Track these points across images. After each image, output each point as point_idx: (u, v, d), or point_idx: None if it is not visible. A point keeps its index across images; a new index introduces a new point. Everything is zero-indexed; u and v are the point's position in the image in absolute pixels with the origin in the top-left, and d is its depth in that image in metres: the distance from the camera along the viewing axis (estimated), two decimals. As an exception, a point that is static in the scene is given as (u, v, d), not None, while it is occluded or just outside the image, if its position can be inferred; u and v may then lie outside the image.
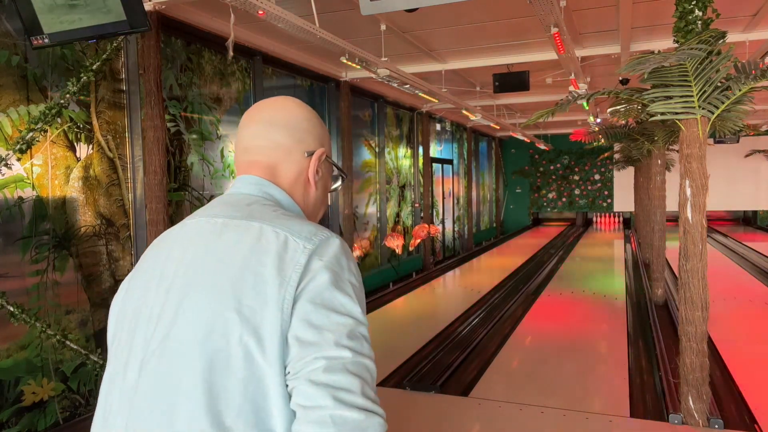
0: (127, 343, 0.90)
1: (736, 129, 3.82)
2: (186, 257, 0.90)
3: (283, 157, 1.02)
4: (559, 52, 5.05)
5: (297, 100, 1.09)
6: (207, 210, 0.99)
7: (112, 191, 4.32)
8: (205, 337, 0.81)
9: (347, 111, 7.53)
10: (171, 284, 0.88)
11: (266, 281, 0.82)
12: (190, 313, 0.84)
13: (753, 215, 17.00)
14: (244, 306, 0.81)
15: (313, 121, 1.07)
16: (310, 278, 0.82)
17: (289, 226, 0.88)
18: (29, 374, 3.66)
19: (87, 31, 3.12)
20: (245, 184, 1.01)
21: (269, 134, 1.03)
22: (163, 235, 1.01)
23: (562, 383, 4.27)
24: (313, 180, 1.04)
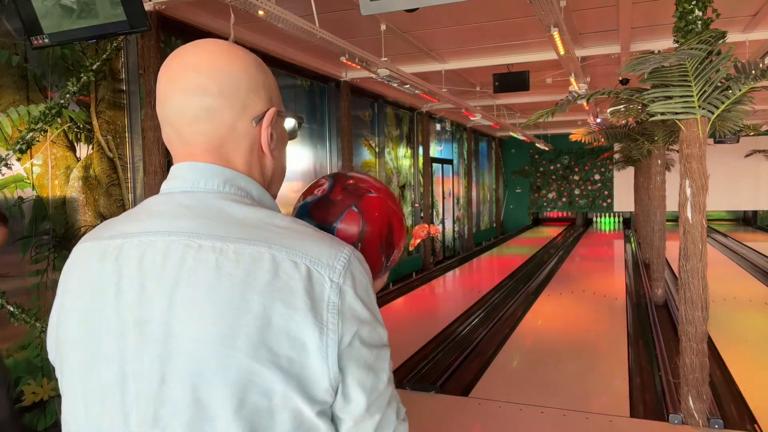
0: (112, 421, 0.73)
1: (736, 129, 3.83)
2: (177, 303, 0.71)
3: (228, 134, 0.79)
4: (559, 52, 5.05)
5: (227, 46, 0.82)
6: (162, 221, 0.76)
7: (112, 191, 4.32)
8: (240, 404, 0.68)
9: (347, 111, 7.53)
10: (166, 342, 0.70)
11: (301, 328, 0.69)
12: (214, 377, 0.68)
13: (753, 215, 17.01)
14: (282, 357, 0.68)
15: (253, 73, 0.81)
16: (350, 317, 0.73)
17: (305, 251, 0.73)
18: (29, 374, 3.66)
19: (87, 31, 3.12)
20: (203, 176, 0.79)
21: (202, 106, 0.78)
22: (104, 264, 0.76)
23: (562, 383, 4.27)
24: (269, 149, 0.83)
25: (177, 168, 0.82)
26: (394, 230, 1.02)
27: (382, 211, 1.00)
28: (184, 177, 0.80)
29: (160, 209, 0.78)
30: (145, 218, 0.78)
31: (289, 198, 7.11)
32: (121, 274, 0.75)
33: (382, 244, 1.00)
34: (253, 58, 0.83)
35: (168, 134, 0.82)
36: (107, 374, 0.73)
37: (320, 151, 7.45)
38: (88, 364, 0.75)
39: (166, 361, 0.70)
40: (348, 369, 0.72)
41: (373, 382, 0.75)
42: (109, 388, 0.73)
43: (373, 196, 1.00)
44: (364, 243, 0.98)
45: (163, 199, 0.80)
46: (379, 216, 0.99)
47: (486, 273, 10.55)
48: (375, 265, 1.00)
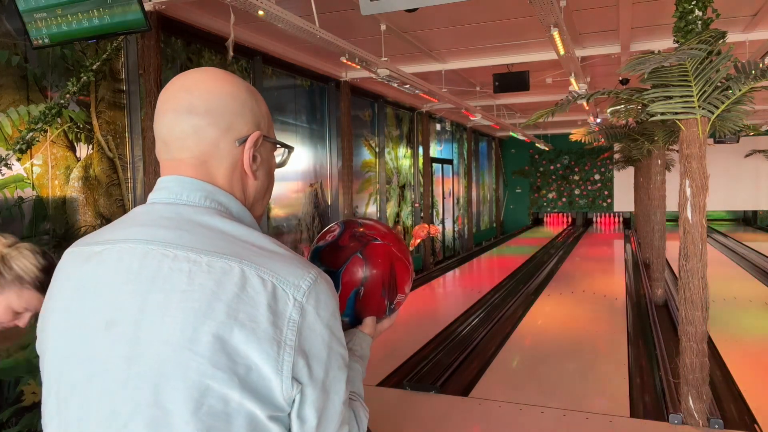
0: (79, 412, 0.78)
1: (736, 129, 3.82)
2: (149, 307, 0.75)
3: (211, 151, 0.84)
4: (559, 52, 5.05)
5: (220, 73, 0.88)
6: (143, 229, 0.81)
7: (112, 191, 4.32)
8: (197, 406, 0.71)
9: (347, 111, 7.53)
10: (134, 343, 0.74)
11: (261, 340, 0.73)
12: (175, 378, 0.72)
13: (753, 215, 17.00)
14: (240, 366, 0.72)
15: (242, 98, 0.87)
16: (307, 335, 0.76)
17: (274, 269, 0.76)
18: (29, 374, 3.65)
19: (87, 31, 3.12)
20: (185, 189, 0.83)
21: (190, 124, 0.83)
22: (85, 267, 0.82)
23: (562, 383, 4.27)
24: (250, 171, 0.88)
25: (163, 180, 0.87)
26: (397, 275, 1.08)
27: (385, 257, 1.07)
28: (168, 188, 0.85)
29: (142, 219, 0.84)
30: (128, 227, 0.83)
31: (290, 198, 7.11)
32: (99, 278, 0.80)
33: (385, 288, 1.07)
34: (244, 85, 0.89)
35: (159, 148, 0.88)
36: (77, 371, 0.78)
37: (320, 151, 7.45)
38: (62, 360, 0.81)
39: (132, 362, 0.74)
40: (303, 388, 0.76)
41: (325, 403, 0.79)
42: (78, 385, 0.78)
43: (378, 243, 1.08)
44: (367, 287, 1.05)
45: (146, 209, 0.85)
46: (382, 262, 1.06)
47: (486, 273, 10.55)
48: (379, 307, 1.08)
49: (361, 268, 1.05)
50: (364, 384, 1.05)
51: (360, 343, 1.06)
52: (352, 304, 1.06)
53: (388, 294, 1.08)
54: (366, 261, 1.05)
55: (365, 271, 1.05)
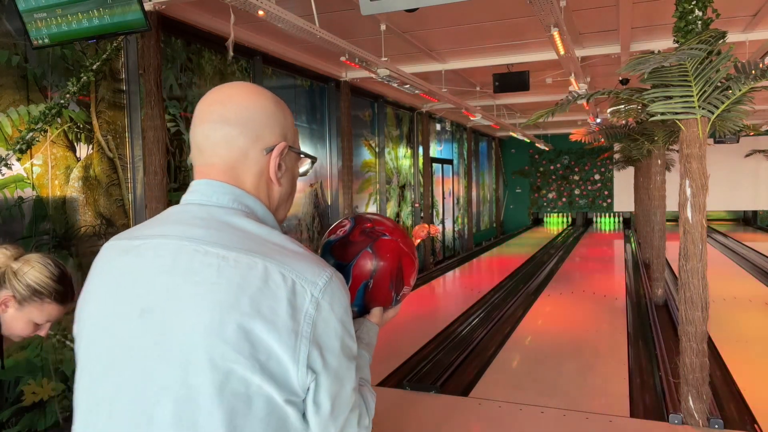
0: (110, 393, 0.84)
1: (736, 129, 3.82)
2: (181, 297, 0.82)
3: (241, 158, 0.92)
4: (558, 52, 5.05)
5: (252, 88, 0.98)
6: (177, 227, 0.88)
7: (112, 191, 4.32)
8: (221, 387, 0.78)
9: (347, 111, 7.53)
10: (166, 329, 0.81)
11: (280, 331, 0.80)
12: (202, 362, 0.78)
13: (753, 215, 17.00)
14: (261, 353, 0.79)
15: (271, 111, 0.96)
16: (322, 328, 0.83)
17: (294, 267, 0.84)
18: (29, 374, 3.66)
19: (87, 31, 3.12)
20: (215, 192, 0.91)
21: (222, 133, 0.91)
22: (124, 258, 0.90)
23: (562, 383, 4.27)
24: (275, 178, 0.95)
25: (195, 183, 0.95)
26: (404, 269, 1.15)
27: (393, 252, 1.14)
28: (200, 191, 0.93)
29: (176, 218, 0.92)
30: (163, 224, 0.92)
31: (289, 198, 7.09)
32: (136, 269, 0.88)
33: (393, 281, 1.14)
34: (273, 99, 0.99)
35: (194, 154, 0.96)
36: (111, 353, 0.86)
37: (320, 151, 7.45)
38: (98, 343, 0.89)
39: (163, 346, 0.81)
40: (317, 377, 0.83)
41: (338, 390, 0.86)
42: (111, 365, 0.85)
43: (387, 238, 1.14)
44: (376, 279, 1.12)
45: (180, 209, 0.94)
46: (390, 256, 1.13)
47: (486, 273, 10.55)
48: (386, 298, 1.15)
49: (371, 262, 1.11)
50: None
51: (368, 332, 1.13)
52: (362, 296, 1.12)
53: (395, 286, 1.15)
54: (375, 255, 1.11)
55: (374, 265, 1.11)
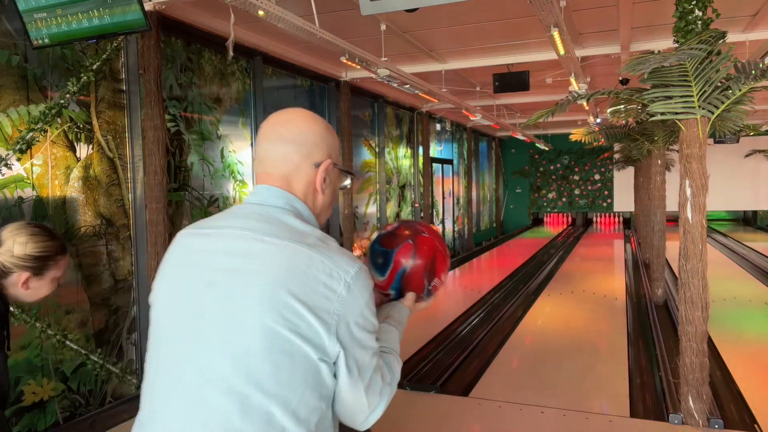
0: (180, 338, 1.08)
1: (736, 129, 3.83)
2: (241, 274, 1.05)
3: (294, 170, 1.16)
4: (558, 52, 5.04)
5: (307, 114, 1.21)
6: (240, 220, 1.12)
7: (112, 191, 4.32)
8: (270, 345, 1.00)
9: (347, 111, 7.53)
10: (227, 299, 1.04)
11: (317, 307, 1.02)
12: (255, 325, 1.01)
13: (753, 215, 17.00)
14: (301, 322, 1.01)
15: (321, 134, 1.18)
16: (350, 307, 1.05)
17: (332, 257, 1.06)
18: (29, 374, 3.66)
19: (87, 31, 3.12)
20: (271, 195, 1.15)
21: (281, 150, 1.16)
22: (196, 242, 1.14)
23: (562, 383, 4.27)
24: (320, 188, 1.19)
25: (258, 187, 1.18)
26: (437, 263, 1.36)
27: (430, 247, 1.36)
28: (260, 194, 1.16)
29: (240, 213, 1.15)
30: (229, 218, 1.15)
31: (289, 198, 7.03)
32: (205, 251, 1.11)
33: (426, 271, 1.35)
34: (323, 123, 1.21)
35: (257, 165, 1.21)
36: (180, 316, 1.08)
37: (320, 151, 7.44)
38: (169, 308, 1.11)
39: (224, 311, 1.03)
40: (346, 345, 1.04)
41: (363, 355, 1.07)
42: (180, 325, 1.08)
43: (426, 236, 1.37)
44: (413, 268, 1.34)
45: (243, 207, 1.17)
46: (427, 250, 1.35)
47: (486, 273, 10.55)
48: (419, 285, 1.36)
49: (410, 251, 1.33)
50: None
51: (399, 312, 1.33)
52: (399, 279, 1.33)
53: (428, 276, 1.35)
54: (414, 247, 1.33)
55: (413, 254, 1.33)
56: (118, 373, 4.00)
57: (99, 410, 4.07)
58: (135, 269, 4.46)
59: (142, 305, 4.46)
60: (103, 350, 4.06)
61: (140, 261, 4.44)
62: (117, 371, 4.00)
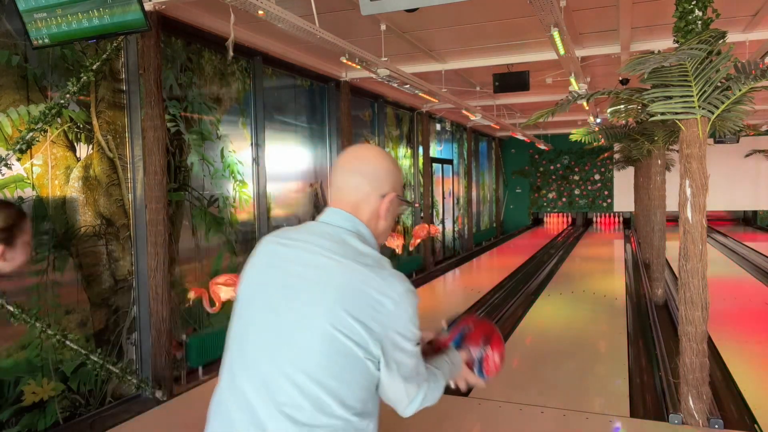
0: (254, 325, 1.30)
1: (736, 129, 3.83)
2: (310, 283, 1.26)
3: (363, 199, 1.36)
4: (559, 52, 5.05)
5: (380, 151, 1.44)
6: (313, 237, 1.33)
7: (112, 191, 4.32)
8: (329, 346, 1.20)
9: (347, 111, 7.53)
10: (298, 301, 1.25)
11: (368, 318, 1.21)
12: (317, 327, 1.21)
13: (753, 215, 17.00)
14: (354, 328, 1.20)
15: (389, 169, 1.39)
16: (395, 320, 1.23)
17: (385, 277, 1.25)
18: (29, 374, 3.66)
19: (87, 31, 3.12)
20: (341, 218, 1.35)
21: (355, 181, 1.36)
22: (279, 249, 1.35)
23: (562, 383, 4.27)
24: (383, 216, 1.38)
25: (330, 210, 1.38)
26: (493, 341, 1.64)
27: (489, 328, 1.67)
28: (331, 216, 1.37)
29: (313, 230, 1.35)
30: (304, 234, 1.35)
31: (290, 198, 7.07)
32: (285, 259, 1.32)
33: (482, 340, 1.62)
34: (391, 159, 1.42)
35: (333, 190, 1.39)
36: (259, 311, 1.30)
37: (320, 151, 7.45)
38: (250, 302, 1.33)
39: (293, 311, 1.24)
40: (388, 349, 1.23)
41: (402, 357, 1.25)
42: (257, 318, 1.30)
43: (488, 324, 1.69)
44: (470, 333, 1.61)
45: (317, 225, 1.37)
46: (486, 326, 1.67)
47: (486, 273, 10.55)
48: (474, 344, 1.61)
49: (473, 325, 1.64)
50: None
51: (454, 359, 1.54)
52: (460, 338, 1.60)
53: (484, 341, 1.61)
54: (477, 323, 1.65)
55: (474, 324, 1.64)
56: (118, 373, 4.00)
57: (99, 410, 4.07)
58: (135, 269, 4.46)
59: (142, 305, 4.46)
60: (103, 350, 4.06)
61: (140, 261, 4.44)
62: (117, 371, 4.00)
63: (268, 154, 6.16)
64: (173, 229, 4.84)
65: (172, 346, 4.48)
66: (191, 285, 5.01)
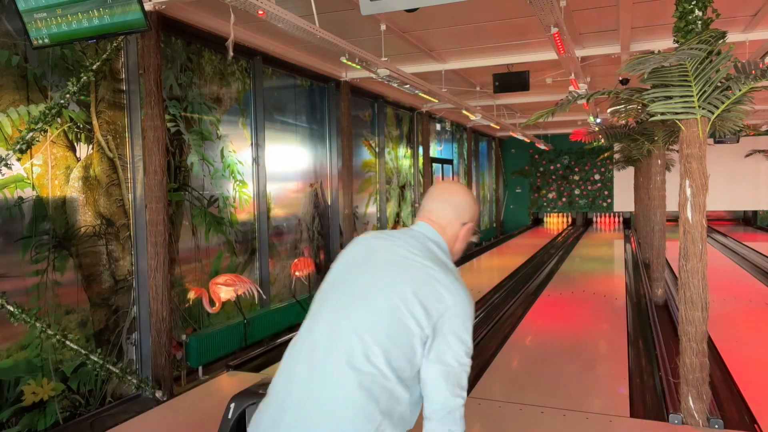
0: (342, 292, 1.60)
1: (736, 129, 3.82)
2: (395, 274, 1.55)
3: (447, 223, 1.70)
4: (559, 52, 5.05)
5: (465, 189, 1.81)
6: (405, 238, 1.65)
7: (112, 191, 4.32)
8: (396, 323, 1.48)
9: (347, 111, 7.53)
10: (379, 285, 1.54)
11: (430, 309, 1.48)
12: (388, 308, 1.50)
13: (753, 215, 17.00)
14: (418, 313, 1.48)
15: (471, 204, 1.75)
16: (449, 317, 1.49)
17: (451, 281, 1.54)
18: (29, 374, 3.66)
19: (87, 31, 3.12)
20: (428, 231, 1.69)
21: (445, 209, 1.71)
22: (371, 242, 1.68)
23: (562, 383, 4.26)
24: (461, 240, 1.73)
25: (420, 222, 1.72)
26: None
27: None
28: (423, 228, 1.70)
29: (407, 233, 1.68)
30: (400, 235, 1.67)
31: (290, 198, 7.07)
32: (375, 250, 1.64)
33: None
34: (472, 197, 1.77)
35: (425, 212, 1.73)
36: (342, 288, 1.60)
37: (320, 151, 7.45)
38: (337, 280, 1.65)
39: (372, 287, 1.55)
40: (436, 335, 1.48)
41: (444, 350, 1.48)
42: (346, 284, 1.60)
43: None
44: None
45: (410, 231, 1.70)
46: None
47: (486, 273, 10.54)
48: None
49: None
50: None
51: None
52: None
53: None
54: None
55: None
56: (118, 373, 4.00)
57: (99, 410, 4.08)
58: (135, 269, 4.46)
59: (142, 305, 4.46)
60: (103, 350, 4.06)
61: (140, 261, 4.44)
62: (117, 371, 4.00)
63: (268, 154, 6.16)
64: (173, 229, 4.85)
65: (172, 346, 4.48)
66: (191, 285, 5.02)
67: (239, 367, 4.70)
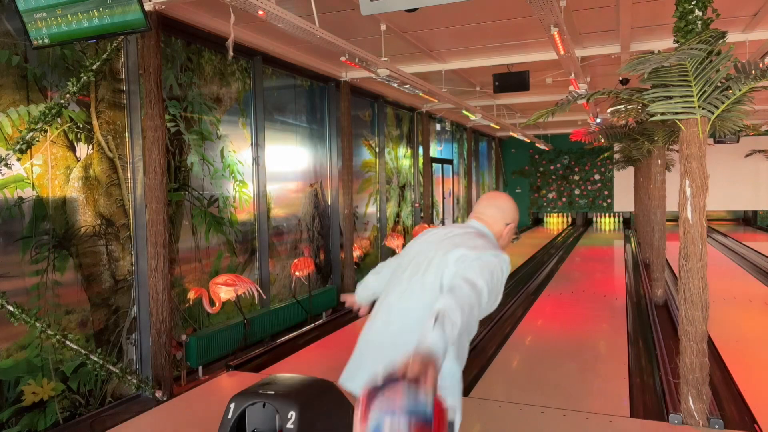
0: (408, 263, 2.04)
1: (736, 129, 3.83)
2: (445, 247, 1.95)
3: (493, 222, 2.08)
4: (559, 52, 5.05)
5: (507, 196, 2.18)
6: (459, 229, 2.05)
7: (112, 191, 4.32)
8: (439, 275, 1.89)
9: (347, 111, 7.53)
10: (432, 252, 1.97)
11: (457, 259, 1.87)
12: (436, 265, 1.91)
13: (753, 215, 17.00)
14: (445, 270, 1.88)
15: (514, 208, 2.13)
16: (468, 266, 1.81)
17: (490, 248, 1.90)
18: (29, 374, 3.66)
19: (87, 31, 3.12)
20: (479, 225, 2.08)
21: (492, 211, 2.10)
22: (431, 230, 2.14)
23: (562, 383, 4.27)
24: (504, 237, 2.10)
25: (473, 221, 2.11)
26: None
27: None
28: (472, 222, 2.10)
29: (461, 226, 2.10)
30: (456, 227, 2.09)
31: (290, 198, 7.06)
32: (435, 232, 2.10)
33: None
34: (514, 203, 2.15)
35: (477, 213, 2.12)
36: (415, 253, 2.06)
37: (320, 151, 7.45)
38: (410, 248, 2.13)
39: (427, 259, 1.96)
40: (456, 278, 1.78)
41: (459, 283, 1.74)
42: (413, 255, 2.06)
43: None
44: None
45: (460, 225, 2.12)
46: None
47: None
48: None
49: None
50: None
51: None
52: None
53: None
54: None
55: None
56: (118, 373, 4.00)
57: (99, 410, 4.07)
58: (135, 269, 4.46)
59: (141, 305, 4.46)
60: (103, 350, 4.06)
61: (140, 261, 4.44)
62: (117, 371, 4.00)
63: (268, 154, 6.16)
64: (173, 229, 4.85)
65: (172, 346, 4.48)
66: (191, 285, 5.02)
67: (239, 367, 4.70)
